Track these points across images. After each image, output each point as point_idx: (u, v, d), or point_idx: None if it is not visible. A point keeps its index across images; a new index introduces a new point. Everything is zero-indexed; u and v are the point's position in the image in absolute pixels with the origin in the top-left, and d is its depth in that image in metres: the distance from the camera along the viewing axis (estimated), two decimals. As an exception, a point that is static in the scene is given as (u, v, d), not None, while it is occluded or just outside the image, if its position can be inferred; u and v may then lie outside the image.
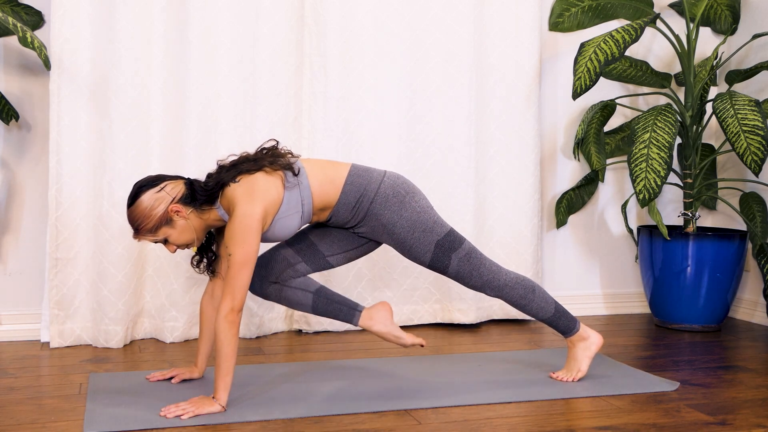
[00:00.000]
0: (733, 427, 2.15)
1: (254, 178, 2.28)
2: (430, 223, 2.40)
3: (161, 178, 2.32)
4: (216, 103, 3.05)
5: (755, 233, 3.37)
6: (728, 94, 3.16)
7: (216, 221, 2.35)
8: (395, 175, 2.44)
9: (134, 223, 2.28)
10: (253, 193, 2.24)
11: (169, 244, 2.33)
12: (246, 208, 2.21)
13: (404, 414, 2.22)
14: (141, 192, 2.27)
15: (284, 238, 2.38)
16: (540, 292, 2.50)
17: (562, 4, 3.61)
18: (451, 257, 2.41)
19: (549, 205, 3.70)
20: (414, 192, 2.42)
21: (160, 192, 2.27)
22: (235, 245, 2.19)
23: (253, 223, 2.21)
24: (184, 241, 2.33)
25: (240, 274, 2.19)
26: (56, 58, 2.89)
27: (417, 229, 2.39)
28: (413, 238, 2.39)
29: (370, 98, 3.26)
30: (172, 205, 2.27)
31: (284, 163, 2.32)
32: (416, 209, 2.39)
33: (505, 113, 3.46)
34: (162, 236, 2.30)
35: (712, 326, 3.41)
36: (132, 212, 2.28)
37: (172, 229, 2.29)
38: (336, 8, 3.19)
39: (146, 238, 2.31)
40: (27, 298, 3.09)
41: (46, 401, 2.31)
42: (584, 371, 2.56)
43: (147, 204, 2.26)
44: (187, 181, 2.33)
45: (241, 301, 2.19)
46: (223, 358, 2.17)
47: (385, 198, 2.37)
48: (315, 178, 2.35)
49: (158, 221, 2.26)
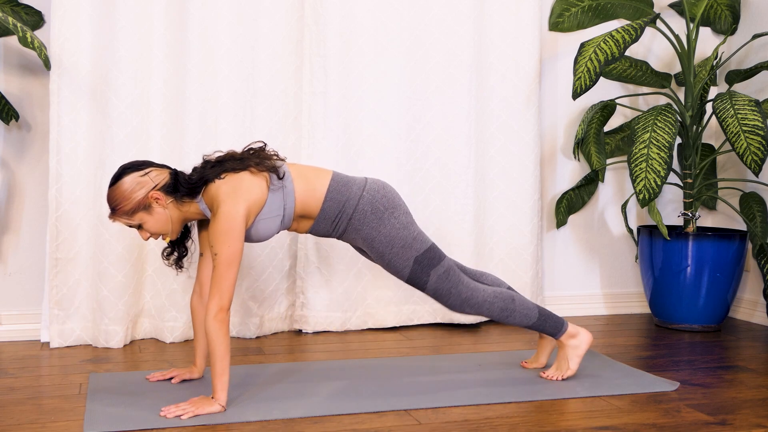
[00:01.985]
0: (733, 427, 2.15)
1: (239, 176, 2.28)
2: (409, 239, 2.39)
3: (147, 164, 2.32)
4: (216, 103, 3.05)
5: (755, 233, 3.37)
6: (728, 94, 3.16)
7: (195, 215, 2.35)
8: (375, 188, 2.41)
9: (112, 203, 2.28)
10: (236, 192, 2.24)
11: (142, 230, 2.33)
12: (229, 207, 2.22)
13: (404, 414, 2.22)
14: (125, 173, 2.28)
15: (263, 239, 2.38)
16: (520, 301, 2.49)
17: (562, 4, 3.61)
18: (429, 273, 2.40)
19: (549, 205, 3.70)
20: (394, 207, 2.40)
21: (143, 177, 2.27)
22: (220, 245, 2.19)
23: (237, 223, 2.21)
24: (159, 230, 2.33)
25: (227, 273, 2.19)
26: (56, 58, 2.89)
27: (396, 244, 2.38)
28: (392, 253, 2.38)
29: (370, 98, 3.26)
30: (153, 192, 2.27)
31: (270, 165, 2.32)
32: (395, 225, 2.38)
33: (505, 113, 3.46)
34: (137, 221, 2.30)
35: (712, 326, 3.41)
36: (112, 192, 2.28)
37: (149, 215, 2.29)
38: (336, 8, 3.19)
39: (121, 219, 2.30)
40: (27, 298, 3.09)
41: (46, 401, 2.31)
42: (574, 369, 2.56)
43: (128, 186, 2.26)
44: (172, 171, 2.33)
45: (229, 300, 2.19)
46: (218, 358, 2.18)
47: (364, 214, 2.37)
48: (299, 186, 2.36)
49: (136, 205, 2.26)
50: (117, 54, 2.97)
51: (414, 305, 3.38)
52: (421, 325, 3.43)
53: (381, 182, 2.45)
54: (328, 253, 3.22)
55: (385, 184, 2.46)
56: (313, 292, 3.24)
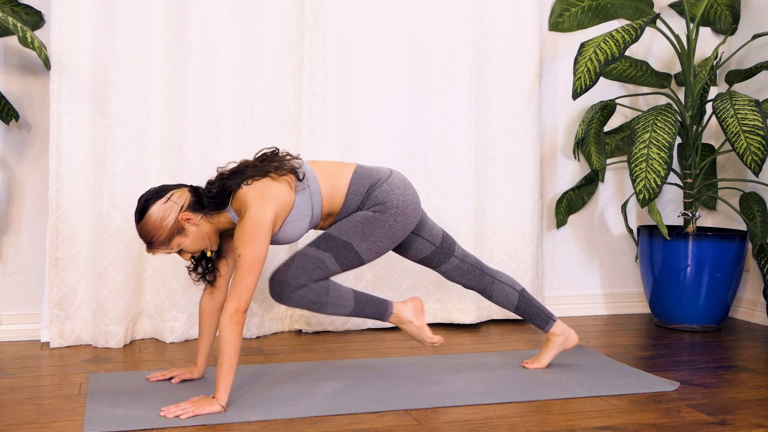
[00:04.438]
0: (733, 427, 2.15)
1: (264, 182, 2.28)
2: (369, 241, 2.36)
3: (165, 189, 2.29)
4: (216, 103, 3.05)
5: (755, 233, 3.37)
6: (728, 94, 3.16)
7: (226, 224, 2.34)
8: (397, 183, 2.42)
9: (146, 237, 2.26)
10: (264, 196, 2.24)
11: (183, 253, 2.31)
12: (258, 210, 2.21)
13: (404, 414, 2.22)
14: (149, 205, 2.25)
15: (292, 241, 2.38)
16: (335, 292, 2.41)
17: (562, 4, 3.61)
18: (322, 257, 2.34)
19: (549, 205, 3.70)
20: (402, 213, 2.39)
21: (167, 202, 2.25)
22: (245, 247, 2.19)
23: (264, 226, 2.20)
24: (198, 248, 2.32)
25: (248, 276, 2.18)
26: (56, 58, 2.89)
27: (359, 231, 2.35)
28: (346, 229, 2.35)
29: (370, 98, 3.26)
30: (182, 214, 2.25)
31: (289, 167, 2.32)
32: (386, 227, 2.37)
33: (505, 113, 3.46)
34: (176, 247, 2.28)
35: (712, 326, 3.41)
36: (143, 226, 2.25)
37: (185, 237, 2.28)
38: (336, 8, 3.19)
39: (161, 250, 2.28)
40: (27, 298, 3.09)
41: (46, 401, 2.31)
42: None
43: (157, 216, 2.24)
44: (191, 188, 2.33)
45: (247, 302, 2.19)
46: (225, 359, 2.17)
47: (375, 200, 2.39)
48: (323, 183, 2.37)
49: (170, 232, 2.25)
50: (117, 54, 2.97)
51: (414, 305, 3.37)
52: (421, 325, 3.43)
53: (404, 180, 2.46)
54: (328, 253, 3.22)
55: (406, 183, 2.45)
56: (313, 292, 3.23)
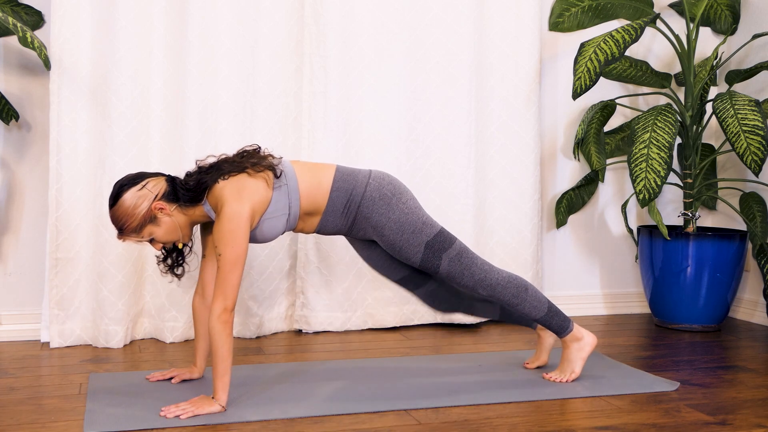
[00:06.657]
0: (733, 427, 2.15)
1: (241, 177, 2.27)
2: (419, 224, 2.38)
3: (142, 176, 2.29)
4: (216, 103, 3.05)
5: (755, 233, 3.37)
6: (728, 94, 3.16)
7: (201, 217, 2.33)
8: (380, 176, 2.41)
9: (118, 222, 2.25)
10: (241, 192, 2.23)
11: (154, 242, 2.30)
12: (234, 207, 2.20)
13: (404, 414, 2.22)
14: (123, 191, 2.24)
15: (269, 239, 2.37)
16: (533, 291, 2.47)
17: (562, 4, 3.61)
18: (441, 257, 2.39)
19: (549, 205, 3.70)
20: (401, 192, 2.40)
21: (142, 190, 2.24)
22: (224, 245, 2.18)
23: (241, 223, 2.19)
24: (170, 239, 2.31)
25: (231, 274, 2.18)
26: (56, 58, 2.89)
27: (406, 230, 2.36)
28: (402, 239, 2.37)
29: (370, 98, 3.26)
30: (156, 203, 2.24)
31: (267, 164, 2.30)
32: (404, 210, 2.37)
33: (505, 113, 3.46)
34: (147, 235, 2.27)
35: (712, 326, 3.41)
36: (115, 212, 2.24)
37: (157, 227, 2.27)
38: (336, 8, 3.19)
39: (131, 238, 2.27)
40: (27, 298, 3.09)
41: (46, 401, 2.31)
42: (578, 372, 2.54)
43: (130, 203, 2.23)
44: (168, 177, 2.31)
45: (233, 300, 2.19)
46: (220, 359, 2.17)
47: (372, 201, 2.36)
48: (303, 181, 2.34)
49: (142, 219, 2.23)
50: (117, 54, 2.97)
51: (414, 305, 3.38)
52: (422, 325, 3.43)
53: (384, 172, 2.46)
54: (328, 254, 3.22)
55: (388, 174, 2.46)
56: (313, 292, 3.24)
